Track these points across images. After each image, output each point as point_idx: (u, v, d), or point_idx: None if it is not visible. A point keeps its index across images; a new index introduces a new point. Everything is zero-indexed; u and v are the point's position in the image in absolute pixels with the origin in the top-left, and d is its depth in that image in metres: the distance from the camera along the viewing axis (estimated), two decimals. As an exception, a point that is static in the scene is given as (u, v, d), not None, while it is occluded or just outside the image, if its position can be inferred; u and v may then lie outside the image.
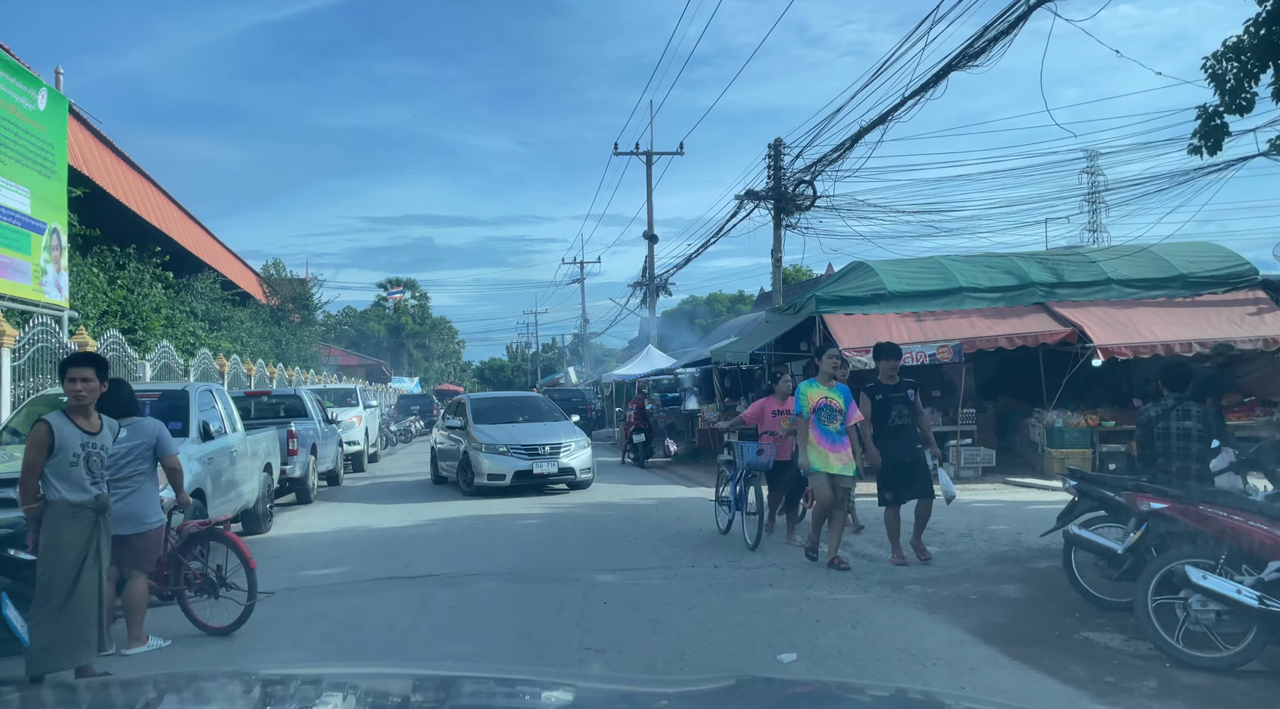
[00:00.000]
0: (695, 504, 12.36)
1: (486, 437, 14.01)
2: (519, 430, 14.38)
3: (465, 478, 14.10)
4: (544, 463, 13.66)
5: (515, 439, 13.91)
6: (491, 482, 13.60)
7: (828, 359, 8.16)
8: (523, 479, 13.57)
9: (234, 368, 19.60)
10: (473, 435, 14.11)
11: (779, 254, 19.91)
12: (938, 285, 16.25)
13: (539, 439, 14.03)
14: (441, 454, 15.87)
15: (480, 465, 13.69)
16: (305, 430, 14.21)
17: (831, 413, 7.89)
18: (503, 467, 13.57)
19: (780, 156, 19.59)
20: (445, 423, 15.90)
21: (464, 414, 14.98)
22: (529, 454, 13.71)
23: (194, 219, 25.07)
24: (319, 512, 13.05)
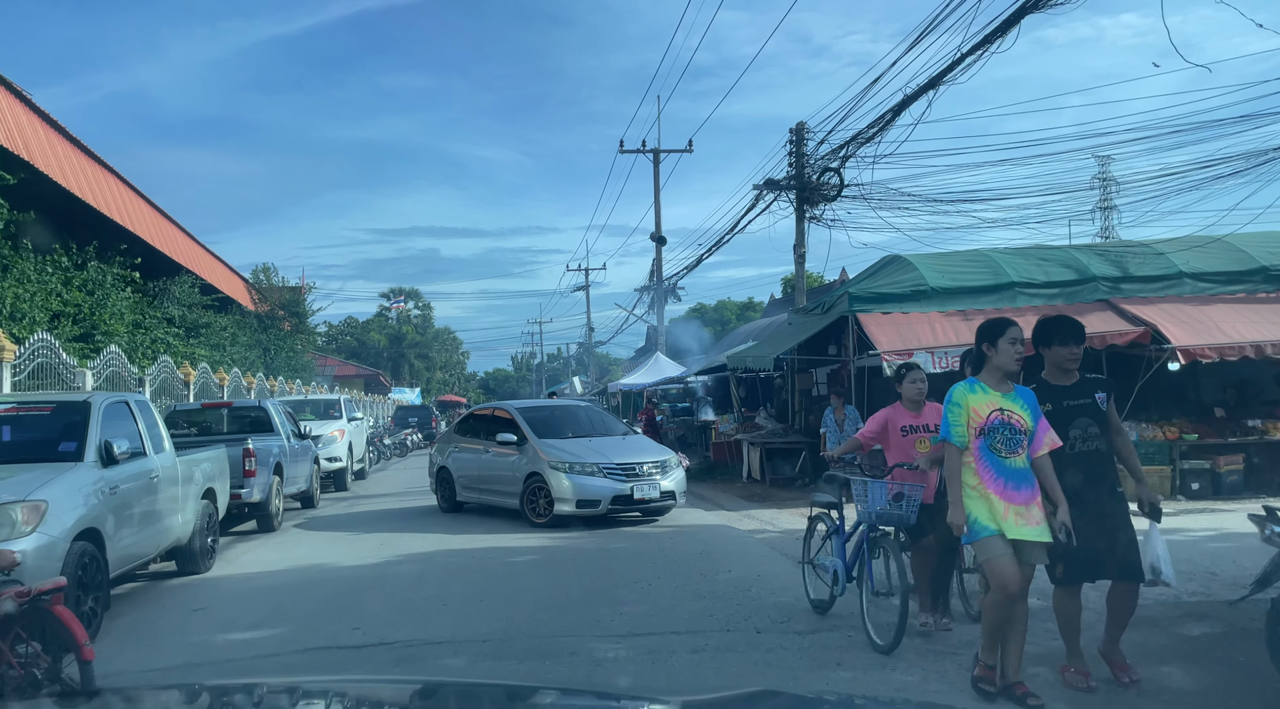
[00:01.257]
0: (719, 534, 10.49)
1: (565, 453, 11.51)
2: (601, 446, 11.85)
3: (535, 505, 11.50)
4: (644, 486, 11.21)
5: (607, 457, 11.43)
6: (581, 509, 11.12)
7: (1005, 342, 4.77)
8: (621, 505, 11.17)
9: (203, 377, 17.82)
10: (541, 453, 11.60)
11: (802, 249, 18.09)
12: (986, 280, 14.40)
13: (634, 456, 11.59)
14: (470, 477, 12.96)
15: (562, 489, 11.17)
16: (267, 447, 12.41)
17: (1013, 436, 4.64)
18: (595, 491, 11.09)
19: (803, 142, 17.79)
20: (469, 438, 13.27)
21: (517, 428, 12.24)
22: (626, 475, 11.26)
23: (169, 218, 23.34)
24: (280, 543, 11.23)
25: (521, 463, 11.87)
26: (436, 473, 13.85)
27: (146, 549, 7.75)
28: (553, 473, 11.35)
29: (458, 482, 13.21)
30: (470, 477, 13.00)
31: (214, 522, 9.54)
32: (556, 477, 11.30)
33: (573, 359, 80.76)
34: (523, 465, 11.82)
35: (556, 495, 11.23)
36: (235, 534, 12.27)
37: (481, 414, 14.01)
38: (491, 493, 12.55)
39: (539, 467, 11.54)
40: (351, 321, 77.40)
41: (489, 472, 12.60)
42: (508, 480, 12.11)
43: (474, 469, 12.92)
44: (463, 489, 13.12)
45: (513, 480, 11.96)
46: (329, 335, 73.54)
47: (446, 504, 13.45)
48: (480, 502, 12.85)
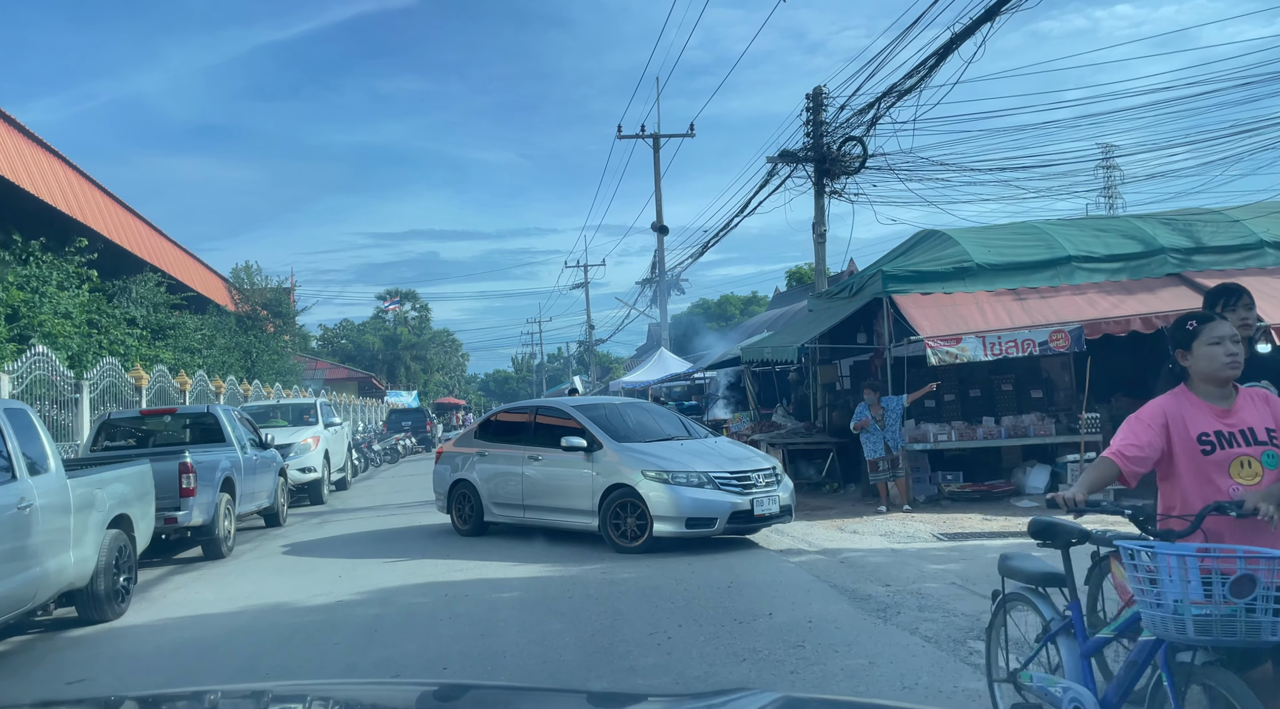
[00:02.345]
0: (747, 559, 8.70)
1: (660, 460, 9.28)
2: (694, 451, 9.69)
3: (622, 526, 9.27)
4: (764, 499, 9.18)
5: (717, 464, 9.32)
6: (692, 530, 8.97)
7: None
8: (740, 523, 9.10)
9: (159, 381, 16.05)
10: (624, 460, 9.41)
11: (822, 227, 16.31)
12: (1039, 255, 12.64)
13: (741, 463, 9.47)
14: (508, 492, 10.52)
15: (663, 505, 8.96)
16: (212, 461, 10.65)
17: None
18: (710, 506, 8.95)
19: (821, 108, 16.01)
20: (502, 444, 10.85)
21: (582, 431, 9.87)
22: (741, 486, 9.16)
23: (132, 211, 21.59)
24: (222, 575, 9.47)
25: (594, 473, 9.60)
26: (450, 488, 11.26)
27: (16, 599, 5.99)
28: (649, 485, 9.07)
29: (486, 498, 10.76)
30: (508, 492, 10.53)
31: (128, 556, 7.77)
32: (655, 490, 9.03)
33: (573, 359, 79.06)
34: (597, 476, 9.55)
35: (656, 513, 8.97)
36: (179, 561, 10.54)
37: (517, 415, 11.36)
38: (546, 511, 10.15)
39: (625, 477, 9.26)
40: (347, 324, 75.64)
41: (543, 485, 10.19)
42: (573, 495, 9.79)
43: (514, 482, 10.45)
44: (495, 507, 10.69)
45: (582, 495, 9.67)
46: (324, 338, 71.95)
47: (467, 526, 10.97)
48: (523, 522, 10.47)
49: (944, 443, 12.10)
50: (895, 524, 10.37)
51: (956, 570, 7.66)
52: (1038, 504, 11.50)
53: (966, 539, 9.36)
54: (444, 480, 11.44)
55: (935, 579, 7.35)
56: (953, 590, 6.89)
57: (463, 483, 11.15)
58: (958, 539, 9.40)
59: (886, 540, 9.42)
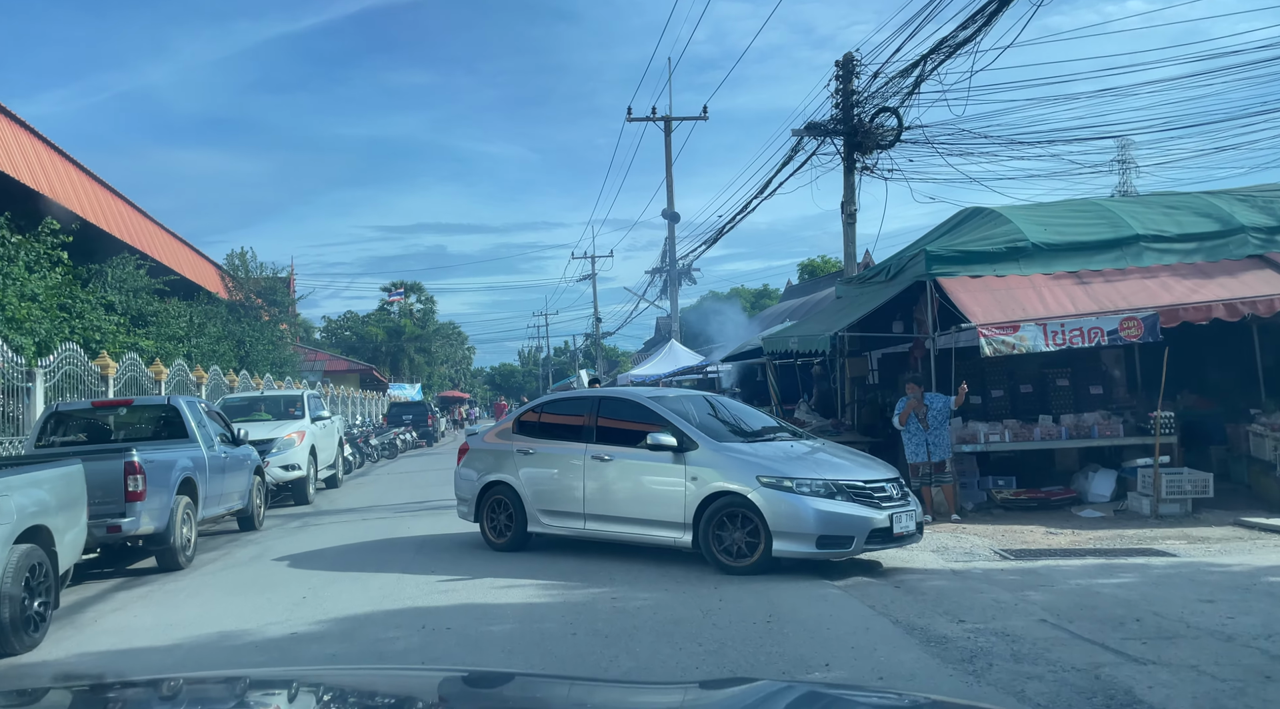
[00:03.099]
0: (785, 584, 7.37)
1: (776, 465, 7.70)
2: (809, 453, 8.17)
3: (727, 542, 7.62)
4: (902, 515, 7.64)
5: (843, 471, 7.78)
6: (824, 550, 7.41)
7: None
8: (878, 543, 7.55)
9: (129, 370, 14.77)
10: (730, 463, 7.83)
11: (851, 207, 14.96)
12: (1102, 234, 11.29)
13: (871, 470, 8.02)
14: (565, 499, 8.83)
15: (786, 518, 7.37)
16: (168, 459, 9.38)
17: None
18: (847, 522, 7.37)
19: (852, 76, 14.65)
20: (552, 440, 9.11)
21: (668, 426, 8.20)
22: (879, 498, 7.63)
23: (112, 191, 20.34)
24: (171, 592, 8.20)
25: (688, 479, 7.93)
26: (481, 493, 9.44)
27: None
28: (766, 494, 7.46)
29: (532, 505, 9.03)
30: (563, 499, 8.85)
31: (45, 576, 6.49)
32: (774, 501, 7.43)
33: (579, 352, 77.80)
34: (692, 483, 7.90)
35: (776, 528, 7.40)
36: (130, 574, 9.29)
37: (573, 407, 9.61)
38: (616, 522, 8.48)
39: (731, 484, 7.68)
40: (351, 316, 74.49)
41: (613, 492, 8.53)
42: (657, 504, 8.15)
43: (571, 488, 8.78)
44: (544, 517, 8.97)
45: (669, 505, 8.03)
46: (327, 330, 70.77)
47: (505, 539, 9.19)
48: (582, 535, 8.79)
49: (996, 444, 10.76)
50: (947, 537, 9.04)
51: (1040, 602, 6.34)
52: (1103, 514, 10.17)
53: (1036, 558, 8.03)
54: (472, 484, 9.59)
55: (1017, 613, 6.03)
56: (1046, 631, 5.57)
57: (499, 487, 9.32)
58: (1025, 558, 8.08)
59: (942, 558, 8.10)
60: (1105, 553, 8.16)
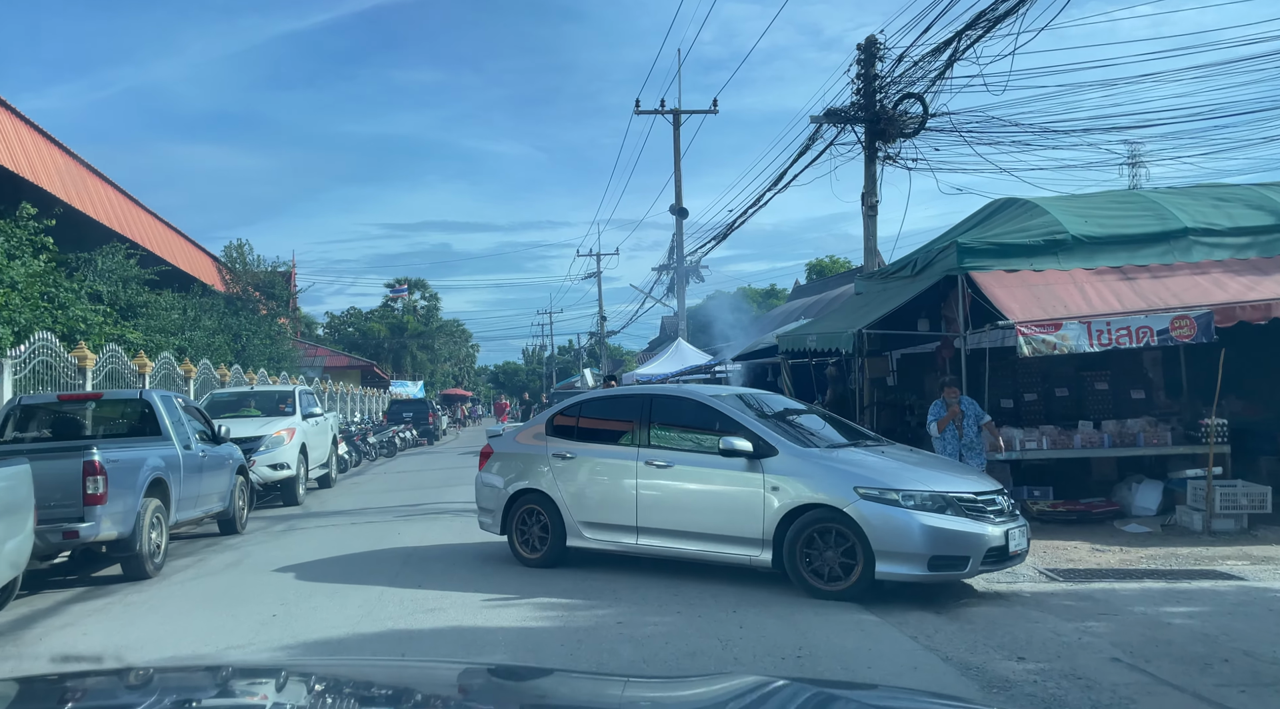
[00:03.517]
0: (814, 611, 6.60)
1: (874, 474, 6.75)
2: (902, 461, 7.29)
3: (819, 564, 6.65)
4: (1015, 532, 6.75)
5: (949, 483, 6.83)
6: (937, 572, 6.45)
7: None
8: (992, 563, 6.65)
9: (110, 362, 14.03)
10: (814, 475, 6.83)
11: (873, 198, 14.17)
12: (1148, 227, 10.49)
13: (977, 481, 7.11)
14: (616, 510, 7.77)
15: (890, 536, 6.41)
16: (136, 458, 8.63)
17: None
18: (959, 540, 6.43)
19: (874, 60, 13.87)
20: (598, 442, 8.12)
21: (747, 431, 7.16)
22: (991, 512, 6.71)
23: (101, 176, 19.63)
24: (133, 605, 7.45)
25: (769, 489, 6.91)
26: (509, 503, 8.41)
27: None
28: (867, 508, 6.48)
29: (573, 517, 8.00)
30: (611, 510, 7.81)
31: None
32: (877, 515, 6.44)
33: (584, 351, 77.10)
34: (773, 493, 6.89)
35: (880, 547, 6.41)
36: (93, 582, 8.55)
37: (619, 406, 8.52)
38: (678, 537, 7.42)
39: (822, 496, 6.69)
40: (354, 312, 73.87)
41: (674, 502, 7.48)
42: (729, 517, 7.11)
43: (621, 497, 7.73)
44: (588, 530, 7.94)
45: (745, 518, 6.99)
46: (330, 326, 70.12)
47: (538, 554, 8.15)
48: (634, 551, 7.71)
49: (1033, 452, 9.97)
50: None
51: (1106, 634, 5.56)
52: (1150, 529, 9.38)
53: (1087, 580, 7.25)
54: (497, 492, 8.55)
55: (1084, 649, 5.25)
56: (1123, 674, 4.79)
57: (530, 495, 8.30)
58: (1075, 579, 7.29)
59: (983, 579, 7.30)
60: (1163, 575, 7.38)
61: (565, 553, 8.09)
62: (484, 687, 2.21)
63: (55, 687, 2.27)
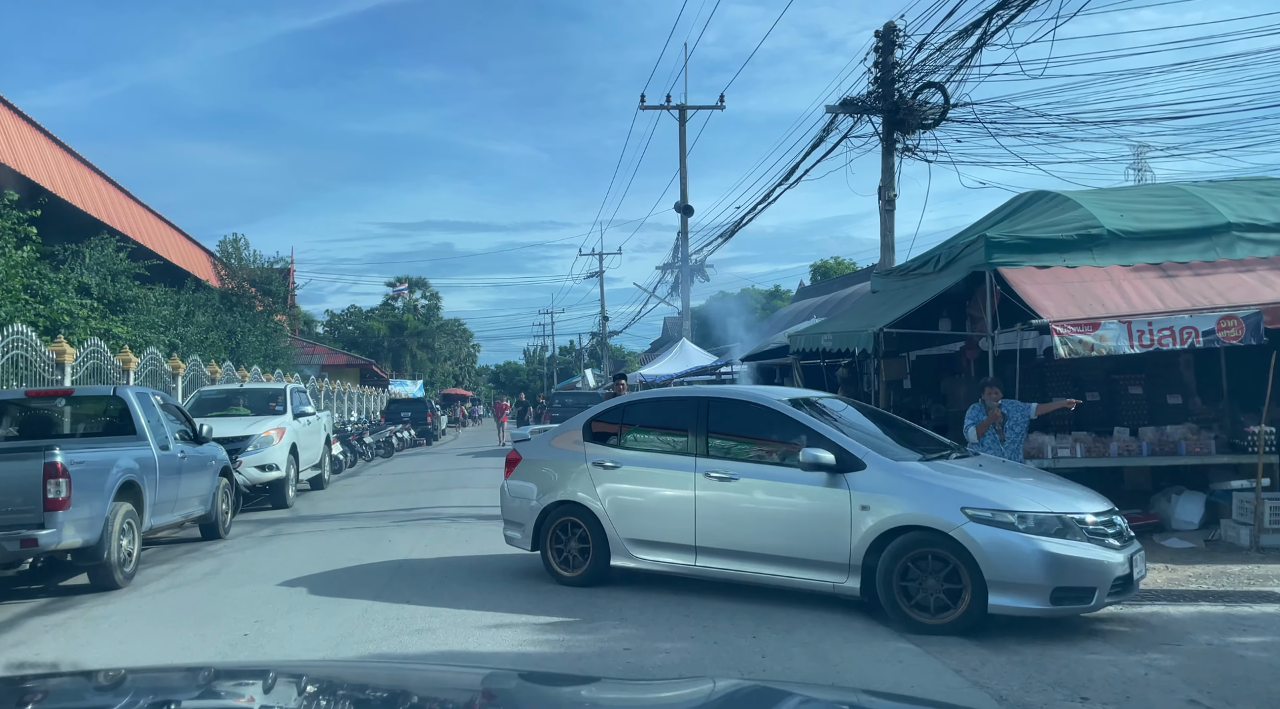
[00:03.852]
0: (842, 639, 5.99)
1: (983, 492, 5.93)
2: (1002, 475, 6.52)
3: (918, 594, 5.82)
4: (1137, 557, 6.03)
5: (1063, 502, 6.01)
6: (1060, 605, 5.64)
7: None
8: (1120, 592, 5.86)
9: (92, 357, 13.42)
10: (911, 492, 6.03)
11: (890, 192, 13.56)
12: (1188, 222, 9.88)
13: (1089, 500, 6.21)
14: (669, 528, 6.96)
15: (1006, 564, 5.61)
16: (105, 459, 8.03)
17: None
18: (1085, 569, 5.64)
19: (892, 48, 13.27)
20: (650, 451, 7.30)
21: (826, 441, 6.36)
22: (1112, 535, 5.92)
23: (90, 166, 19.03)
24: (94, 621, 6.85)
25: (857, 507, 6.08)
26: (543, 516, 7.56)
27: None
28: (978, 532, 5.66)
29: (618, 533, 7.16)
30: (665, 526, 6.98)
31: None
32: (991, 540, 5.63)
33: (585, 351, 76.53)
34: (862, 512, 6.06)
35: (995, 576, 5.60)
36: (58, 593, 7.95)
37: (670, 409, 7.77)
38: (745, 560, 6.59)
39: (922, 517, 5.88)
40: (354, 310, 73.31)
41: (741, 519, 6.66)
42: (809, 538, 6.30)
43: (677, 512, 6.88)
44: (636, 547, 7.10)
45: (828, 539, 6.19)
46: (330, 324, 69.52)
47: (578, 572, 7.31)
48: (693, 572, 6.86)
49: (1065, 460, 9.34)
50: None
51: (1174, 669, 4.95)
52: (1193, 544, 8.77)
53: (1138, 601, 6.61)
54: (528, 504, 7.70)
55: (1154, 688, 4.65)
56: (1207, 719, 4.18)
57: (568, 508, 7.44)
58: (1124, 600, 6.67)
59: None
60: (1218, 597, 6.76)
61: (608, 572, 7.27)
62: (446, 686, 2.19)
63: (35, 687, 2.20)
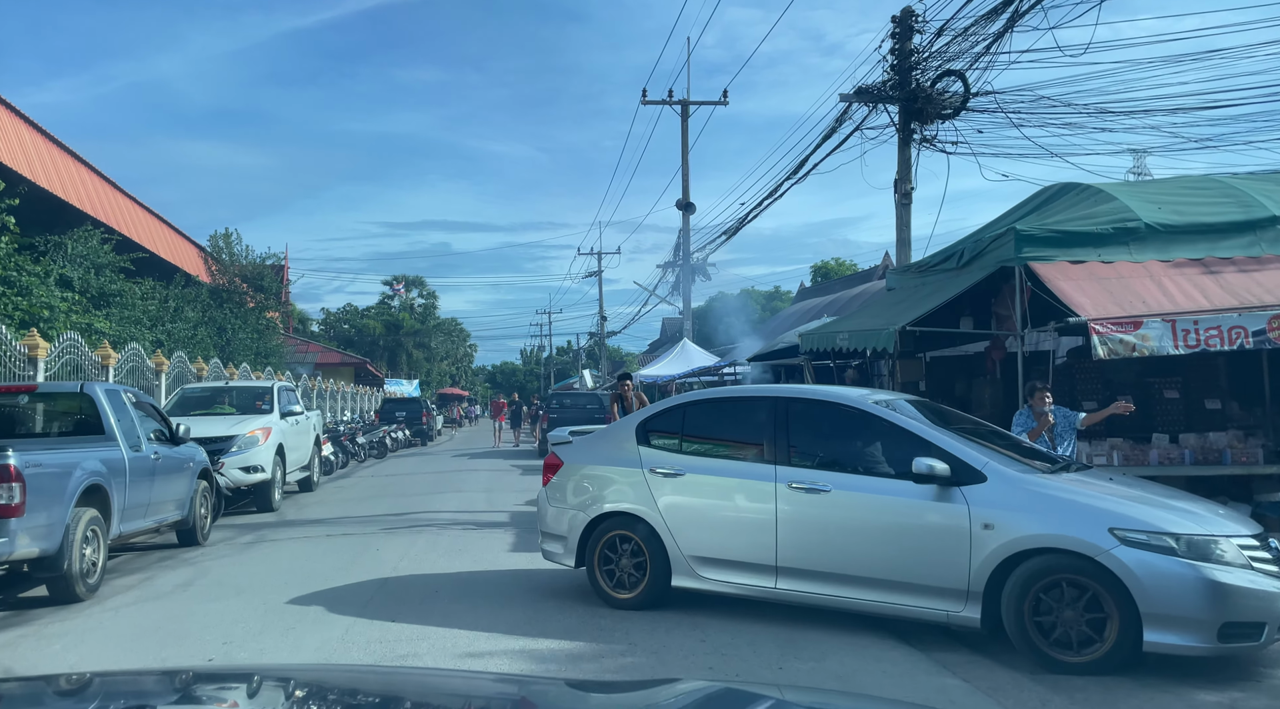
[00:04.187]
0: (866, 663, 5.38)
1: (1135, 515, 5.14)
2: (1146, 491, 5.74)
3: (1059, 628, 5.04)
4: None
5: (1222, 524, 5.27)
6: (1226, 643, 4.90)
7: None
8: None
9: (68, 353, 12.78)
10: (1045, 510, 5.27)
11: (907, 184, 12.97)
12: (1230, 215, 9.30)
13: (1235, 521, 5.48)
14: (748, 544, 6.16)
15: (1165, 595, 4.87)
16: (65, 462, 7.40)
17: None
18: (1254, 600, 4.91)
19: (909, 34, 12.68)
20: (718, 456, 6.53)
21: (935, 448, 5.66)
22: (1274, 563, 5.14)
23: (74, 155, 18.39)
24: (48, 639, 6.24)
25: (972, 526, 5.34)
26: (589, 528, 6.74)
27: None
28: (1135, 557, 4.93)
29: (682, 549, 6.36)
30: (742, 543, 6.17)
31: None
32: (1150, 566, 4.91)
33: (583, 352, 75.94)
34: (983, 532, 5.30)
35: (1151, 608, 4.86)
36: (20, 605, 7.34)
37: (733, 413, 6.92)
38: (841, 583, 5.80)
39: (1060, 536, 5.09)
40: (350, 309, 72.66)
41: (833, 537, 5.87)
42: (917, 560, 5.53)
43: (756, 529, 6.10)
44: (703, 566, 6.30)
45: (943, 563, 5.42)
46: (326, 323, 68.84)
47: (633, 593, 6.52)
48: (772, 596, 6.08)
49: (1101, 468, 8.75)
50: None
51: None
52: (1240, 560, 8.16)
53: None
54: (571, 513, 6.89)
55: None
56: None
57: (620, 519, 6.64)
58: None
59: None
60: None
61: (668, 593, 6.48)
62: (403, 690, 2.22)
63: None
